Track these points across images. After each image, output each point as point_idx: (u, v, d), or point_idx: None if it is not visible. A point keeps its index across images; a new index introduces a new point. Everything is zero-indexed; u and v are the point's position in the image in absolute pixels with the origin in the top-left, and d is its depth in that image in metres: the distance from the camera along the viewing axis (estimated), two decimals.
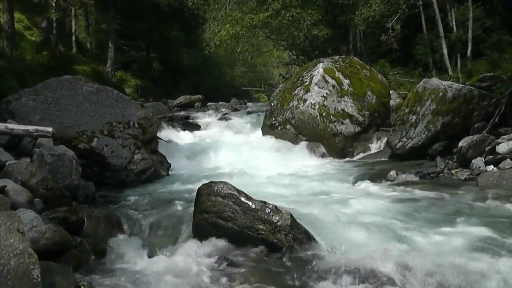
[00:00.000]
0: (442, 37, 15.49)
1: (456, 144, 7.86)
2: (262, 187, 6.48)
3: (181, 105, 19.56)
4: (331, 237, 4.36)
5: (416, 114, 8.86)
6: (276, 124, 10.85)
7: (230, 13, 17.04)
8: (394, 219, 4.91)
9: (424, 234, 4.45)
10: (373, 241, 4.28)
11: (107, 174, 6.88)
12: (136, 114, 7.74)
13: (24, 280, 2.58)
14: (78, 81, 7.81)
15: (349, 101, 10.53)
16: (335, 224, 4.68)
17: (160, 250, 4.38)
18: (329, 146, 10.04)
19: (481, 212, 5.30)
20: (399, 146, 8.89)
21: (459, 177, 7.16)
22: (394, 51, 18.05)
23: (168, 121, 12.86)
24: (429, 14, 16.93)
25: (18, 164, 4.73)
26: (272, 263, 4.03)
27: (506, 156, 7.14)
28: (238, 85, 37.92)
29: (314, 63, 11.64)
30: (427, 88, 8.98)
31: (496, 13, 16.66)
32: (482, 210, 5.39)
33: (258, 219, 4.30)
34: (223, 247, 4.31)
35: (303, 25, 15.23)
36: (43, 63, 16.38)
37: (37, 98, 7.08)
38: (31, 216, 3.63)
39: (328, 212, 5.04)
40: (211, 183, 4.67)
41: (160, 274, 3.78)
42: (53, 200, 4.61)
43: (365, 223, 4.72)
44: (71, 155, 5.66)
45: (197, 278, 3.76)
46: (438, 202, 5.78)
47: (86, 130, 6.89)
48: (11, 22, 15.03)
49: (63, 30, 23.33)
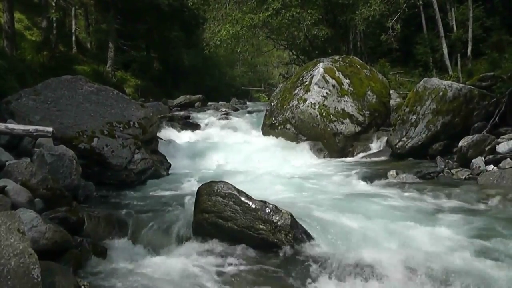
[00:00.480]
0: (442, 36, 15.48)
1: (456, 143, 7.86)
2: (262, 186, 6.47)
3: (181, 105, 19.53)
4: (331, 237, 4.36)
5: (416, 113, 8.86)
6: (276, 124, 10.85)
7: (230, 13, 17.04)
8: (394, 218, 4.91)
9: (424, 234, 4.45)
10: (374, 240, 4.29)
11: (107, 174, 6.88)
12: (136, 114, 7.74)
13: (24, 280, 2.58)
14: (78, 81, 7.81)
15: (349, 100, 10.53)
16: (335, 223, 4.68)
17: (160, 249, 4.38)
18: (329, 145, 10.04)
19: (481, 211, 5.31)
20: (399, 146, 8.89)
21: (459, 176, 7.16)
22: (394, 51, 18.05)
23: (168, 121, 12.86)
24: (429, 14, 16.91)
25: (18, 164, 4.72)
26: (272, 262, 4.03)
27: (506, 155, 7.14)
28: (238, 84, 37.93)
29: (314, 63, 11.64)
30: (427, 87, 8.98)
31: (496, 12, 16.65)
32: (482, 209, 5.40)
33: (258, 219, 4.30)
34: (223, 247, 4.32)
35: (303, 25, 15.23)
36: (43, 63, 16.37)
37: (37, 98, 7.08)
38: (31, 216, 3.63)
39: (328, 212, 5.04)
40: (211, 182, 4.68)
41: (160, 274, 3.78)
42: (53, 200, 4.61)
43: (365, 223, 4.72)
44: (71, 155, 5.66)
45: (197, 278, 3.76)
46: (438, 202, 5.79)
47: (86, 130, 6.89)
48: (11, 22, 15.03)
49: (63, 30, 23.31)
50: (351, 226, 4.62)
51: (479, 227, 4.70)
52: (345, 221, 4.78)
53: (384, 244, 4.18)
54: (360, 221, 4.76)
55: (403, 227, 4.64)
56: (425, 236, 4.40)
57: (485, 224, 4.79)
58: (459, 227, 4.66)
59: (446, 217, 5.04)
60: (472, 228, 4.64)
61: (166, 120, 12.86)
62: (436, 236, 4.40)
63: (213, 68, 35.67)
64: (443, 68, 16.03)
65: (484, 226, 4.71)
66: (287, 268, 3.91)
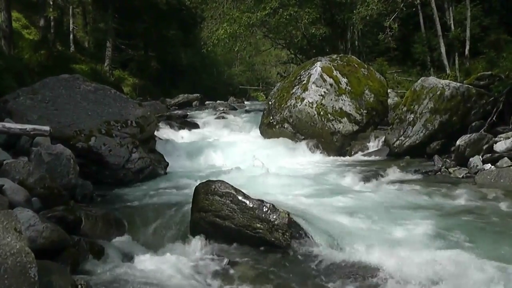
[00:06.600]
0: (440, 35, 15.52)
1: (454, 142, 7.86)
2: (260, 185, 6.47)
3: (179, 104, 19.55)
4: (329, 236, 4.36)
5: (414, 112, 8.87)
6: (274, 123, 10.84)
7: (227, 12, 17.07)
8: (391, 217, 4.93)
9: (421, 232, 4.46)
10: (371, 239, 4.29)
11: (105, 173, 6.86)
12: (134, 113, 7.73)
13: (21, 279, 2.58)
14: (76, 80, 7.81)
15: (347, 99, 10.53)
16: (332, 222, 4.68)
17: (157, 249, 4.37)
18: (327, 144, 10.04)
19: (478, 210, 5.32)
20: (397, 145, 8.90)
21: (457, 175, 7.17)
22: (392, 50, 18.09)
23: (166, 120, 12.84)
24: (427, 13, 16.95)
25: (15, 163, 4.72)
26: (269, 261, 4.03)
27: (503, 154, 7.15)
28: (236, 83, 37.88)
29: (312, 62, 11.63)
30: (425, 86, 8.99)
31: (494, 11, 16.69)
32: (480, 208, 5.41)
33: (256, 218, 4.31)
34: (221, 246, 4.32)
35: (301, 24, 15.27)
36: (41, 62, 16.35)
37: (35, 97, 7.07)
38: (28, 215, 3.63)
39: (326, 211, 5.04)
40: (208, 181, 4.68)
41: (157, 273, 3.78)
42: (51, 199, 4.61)
43: (362, 222, 4.73)
44: (68, 154, 5.64)
45: (194, 277, 3.76)
46: (436, 201, 5.80)
47: (84, 129, 6.88)
48: (9, 21, 14.98)
49: (61, 29, 23.27)
50: (348, 225, 4.63)
51: (477, 226, 4.72)
52: (343, 220, 4.79)
53: (381, 243, 4.18)
54: (358, 220, 4.77)
55: (400, 226, 4.65)
56: (423, 234, 4.41)
57: (483, 223, 4.80)
58: (457, 226, 4.66)
59: (444, 216, 5.06)
60: (471, 228, 4.65)
61: (164, 119, 12.85)
62: (434, 234, 4.41)
63: (211, 67, 35.71)
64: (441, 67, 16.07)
65: (482, 226, 4.73)
66: (284, 267, 3.91)
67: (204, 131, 12.67)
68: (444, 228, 4.57)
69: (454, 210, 5.35)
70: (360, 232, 4.45)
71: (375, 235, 4.41)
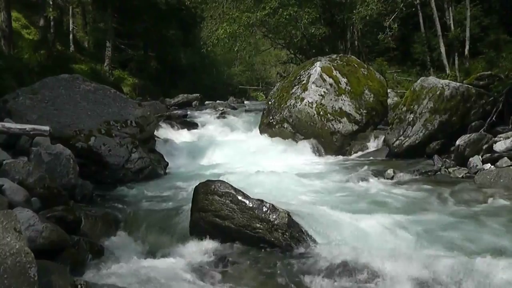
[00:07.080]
0: (440, 35, 15.54)
1: (454, 142, 7.86)
2: (259, 185, 6.46)
3: (179, 104, 19.51)
4: (328, 236, 4.36)
5: (414, 112, 8.87)
6: (273, 123, 10.84)
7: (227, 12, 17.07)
8: (391, 217, 4.91)
9: (421, 232, 4.46)
10: (371, 239, 4.29)
11: (104, 173, 6.87)
12: (133, 113, 7.74)
13: (21, 279, 2.58)
14: (75, 80, 7.81)
15: (346, 99, 10.53)
16: (332, 222, 4.67)
17: (157, 249, 4.38)
18: (327, 144, 10.04)
19: (478, 210, 5.32)
20: (396, 145, 8.90)
21: (457, 175, 7.16)
22: (391, 50, 18.11)
23: (165, 120, 12.81)
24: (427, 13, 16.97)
25: (15, 163, 4.71)
26: (269, 261, 4.02)
27: (503, 154, 7.14)
28: (236, 83, 37.86)
29: (312, 62, 11.63)
30: (424, 86, 8.99)
31: (493, 11, 16.71)
32: (479, 208, 5.41)
33: (255, 218, 4.30)
34: (220, 246, 4.31)
35: (300, 24, 15.27)
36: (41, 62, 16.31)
37: (34, 97, 7.07)
38: (28, 215, 3.63)
39: (326, 211, 5.04)
40: (208, 181, 4.67)
41: (156, 273, 3.77)
42: (50, 199, 4.60)
43: (362, 222, 4.72)
44: (68, 154, 5.65)
45: (194, 277, 3.75)
46: (435, 201, 5.79)
47: (84, 129, 6.89)
48: (9, 20, 14.97)
49: (61, 29, 23.25)
50: (348, 225, 4.62)
51: (477, 226, 4.71)
52: (342, 220, 4.78)
53: (381, 243, 4.18)
54: (357, 220, 4.76)
55: (400, 225, 4.65)
56: (422, 234, 4.41)
57: (483, 223, 4.80)
58: (457, 226, 4.67)
59: (444, 216, 5.05)
60: (470, 227, 4.65)
61: (163, 119, 12.82)
62: (433, 234, 4.41)
63: (211, 67, 35.68)
64: (441, 67, 16.09)
65: (482, 225, 4.72)
66: (284, 267, 3.90)
67: (204, 131, 12.65)
68: (444, 228, 4.58)
69: (454, 210, 5.34)
70: (360, 232, 4.45)
71: (375, 235, 4.41)
